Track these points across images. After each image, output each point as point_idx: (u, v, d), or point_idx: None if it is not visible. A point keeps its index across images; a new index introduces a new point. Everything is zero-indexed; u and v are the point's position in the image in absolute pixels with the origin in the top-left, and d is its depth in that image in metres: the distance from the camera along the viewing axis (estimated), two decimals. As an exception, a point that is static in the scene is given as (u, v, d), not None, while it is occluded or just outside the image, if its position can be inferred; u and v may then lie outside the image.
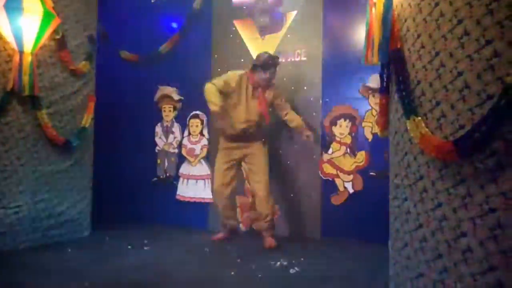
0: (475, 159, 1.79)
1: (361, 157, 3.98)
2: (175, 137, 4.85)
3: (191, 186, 4.69)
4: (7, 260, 3.24)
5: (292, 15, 4.30)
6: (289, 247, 3.74)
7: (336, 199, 4.05)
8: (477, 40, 1.80)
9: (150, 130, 4.94)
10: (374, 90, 3.83)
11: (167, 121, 4.89)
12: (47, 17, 3.54)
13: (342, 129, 4.05)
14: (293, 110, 4.02)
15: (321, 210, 4.10)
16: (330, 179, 4.08)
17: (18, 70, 3.48)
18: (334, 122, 4.08)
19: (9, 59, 3.54)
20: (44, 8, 3.53)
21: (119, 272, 3.03)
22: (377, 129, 3.62)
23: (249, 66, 3.94)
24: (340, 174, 4.04)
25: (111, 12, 4.79)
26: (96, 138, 4.34)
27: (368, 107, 3.95)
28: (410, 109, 2.09)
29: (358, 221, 3.89)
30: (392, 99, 2.37)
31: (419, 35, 2.08)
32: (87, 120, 4.09)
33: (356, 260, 3.37)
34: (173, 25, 4.91)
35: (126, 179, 4.91)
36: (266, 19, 4.34)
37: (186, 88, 4.72)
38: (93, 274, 2.97)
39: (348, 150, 4.03)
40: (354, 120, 4.01)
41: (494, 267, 1.73)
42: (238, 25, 4.53)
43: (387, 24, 2.27)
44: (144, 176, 4.89)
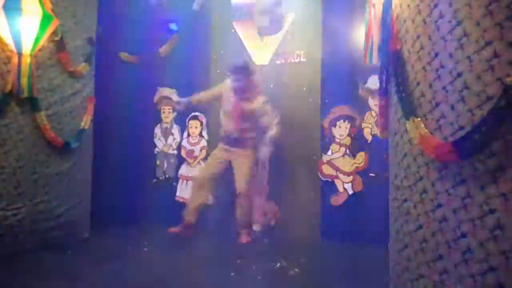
0: (475, 160, 1.79)
1: (361, 158, 3.98)
2: (174, 139, 4.85)
3: (191, 188, 4.68)
4: (7, 262, 3.23)
5: (291, 17, 4.30)
6: (288, 249, 3.73)
7: (336, 200, 4.05)
8: (477, 41, 1.80)
9: (149, 132, 4.93)
10: (373, 91, 3.83)
11: (166, 122, 4.89)
12: (46, 18, 3.53)
13: (341, 130, 4.05)
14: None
15: (321, 211, 4.09)
16: (329, 180, 4.08)
17: (17, 71, 3.47)
18: (333, 123, 4.08)
19: (8, 61, 3.53)
20: (43, 10, 3.52)
21: (119, 274, 3.02)
22: (376, 130, 3.63)
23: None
24: (339, 175, 4.04)
25: (110, 14, 4.79)
26: (95, 139, 4.33)
27: (367, 108, 3.95)
28: (410, 110, 2.09)
29: (358, 222, 3.89)
30: (392, 100, 2.37)
31: (418, 36, 2.08)
32: (86, 121, 4.08)
33: (356, 261, 3.36)
34: (173, 26, 4.91)
35: (126, 180, 4.90)
36: (265, 20, 4.35)
37: (186, 89, 4.71)
38: (93, 275, 2.97)
39: (348, 151, 4.03)
40: (354, 121, 4.01)
41: (494, 268, 1.73)
42: (238, 27, 4.53)
43: (386, 25, 2.27)
44: (143, 178, 4.88)
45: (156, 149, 4.91)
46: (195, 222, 4.13)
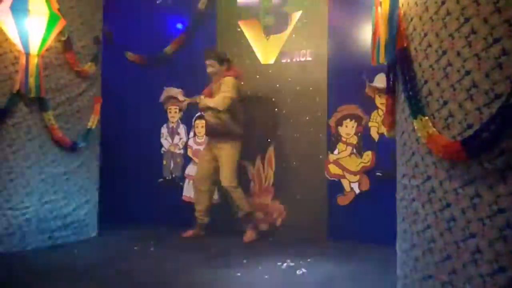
0: (484, 159, 1.77)
1: (368, 157, 3.95)
2: (180, 138, 4.85)
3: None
4: (15, 261, 3.26)
5: (297, 15, 4.29)
6: (295, 248, 3.73)
7: (343, 200, 4.03)
8: (485, 38, 1.78)
9: (156, 131, 4.94)
10: (380, 90, 3.81)
11: (172, 122, 4.90)
12: (53, 19, 3.55)
13: (348, 129, 4.03)
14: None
15: (328, 211, 4.08)
16: (336, 179, 4.06)
17: (25, 72, 3.50)
18: (340, 123, 4.06)
19: (16, 61, 3.56)
20: (50, 10, 3.54)
21: (126, 273, 3.03)
22: (383, 129, 3.60)
23: (254, 66, 3.95)
24: (346, 174, 4.03)
25: (116, 14, 4.81)
26: (102, 139, 4.36)
27: (374, 107, 3.93)
28: (417, 108, 2.07)
29: (365, 222, 3.87)
30: (399, 99, 2.35)
31: (425, 34, 2.06)
32: (93, 121, 4.11)
33: (363, 261, 3.35)
34: (178, 26, 4.92)
35: (132, 180, 4.93)
36: (271, 19, 4.34)
37: (192, 89, 4.71)
38: (100, 275, 2.99)
39: (354, 151, 4.01)
40: (360, 120, 3.99)
41: (504, 268, 1.71)
42: (243, 26, 4.53)
43: (393, 23, 2.25)
44: (150, 177, 4.90)
45: (163, 148, 4.93)
46: (208, 222, 4.17)
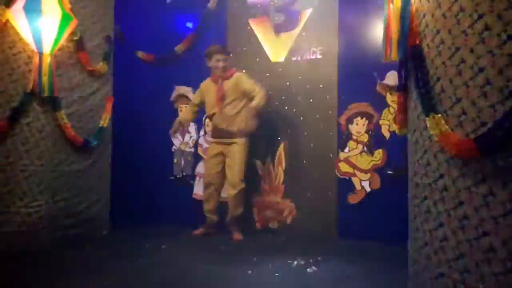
0: (497, 156, 1.75)
1: (379, 155, 3.93)
2: (191, 136, 4.87)
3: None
4: (28, 259, 3.30)
5: (307, 13, 4.27)
6: (306, 246, 3.72)
7: (353, 198, 4.01)
8: (499, 35, 1.76)
9: (166, 130, 4.96)
10: (391, 87, 3.78)
11: (183, 120, 4.91)
12: (65, 18, 3.59)
13: (358, 127, 4.01)
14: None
15: (338, 209, 4.07)
16: (346, 178, 4.04)
17: (38, 71, 3.54)
18: (350, 120, 4.04)
19: (29, 61, 3.61)
20: (62, 10, 3.58)
21: (138, 271, 3.06)
22: (394, 127, 3.58)
23: (264, 64, 3.93)
24: (357, 172, 4.01)
25: (127, 13, 4.83)
26: (114, 137, 4.39)
27: (385, 104, 3.90)
28: (430, 106, 2.05)
29: (376, 220, 3.85)
30: (411, 96, 2.33)
31: (438, 31, 2.04)
32: (105, 120, 4.14)
33: (374, 260, 3.33)
34: (189, 25, 4.93)
35: (144, 178, 4.96)
36: (281, 17, 4.33)
37: (202, 87, 4.73)
38: (112, 272, 3.01)
39: (365, 149, 3.98)
40: (371, 118, 3.96)
41: (518, 267, 1.69)
42: (253, 24, 4.53)
43: (405, 19, 2.23)
44: (161, 175, 4.93)
45: (174, 147, 4.95)
46: (217, 220, 4.18)
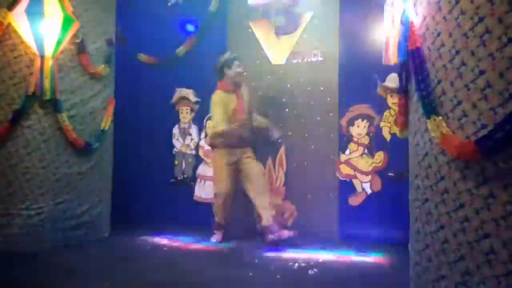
0: (498, 159, 1.75)
1: (379, 157, 3.94)
2: (192, 139, 4.88)
3: (208, 187, 4.70)
4: (29, 261, 3.31)
5: (308, 15, 4.28)
6: (307, 248, 3.72)
7: (354, 200, 4.02)
8: (499, 38, 1.76)
9: (168, 132, 4.98)
10: (392, 89, 3.79)
11: (184, 122, 4.93)
12: (67, 21, 3.60)
13: (359, 129, 4.02)
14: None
15: (339, 211, 4.07)
16: (347, 180, 4.05)
17: (40, 74, 3.56)
18: (351, 123, 4.05)
19: (31, 64, 3.62)
20: (64, 13, 3.59)
21: (139, 273, 3.06)
22: (395, 129, 3.59)
23: (265, 67, 3.93)
24: (358, 174, 4.01)
25: (128, 16, 4.85)
26: (115, 140, 4.40)
27: (386, 107, 3.91)
28: (431, 108, 2.06)
29: (377, 222, 3.86)
30: (412, 98, 2.34)
31: (439, 34, 2.05)
32: (107, 122, 4.15)
33: (375, 262, 3.33)
34: (190, 27, 4.94)
35: (145, 180, 4.97)
36: (282, 19, 4.34)
37: (203, 90, 4.74)
38: (113, 274, 3.01)
39: (366, 151, 3.99)
40: (372, 120, 3.97)
41: (519, 269, 1.70)
42: (254, 26, 4.54)
43: (406, 22, 2.24)
44: (162, 178, 4.94)
45: (175, 149, 4.96)
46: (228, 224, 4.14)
